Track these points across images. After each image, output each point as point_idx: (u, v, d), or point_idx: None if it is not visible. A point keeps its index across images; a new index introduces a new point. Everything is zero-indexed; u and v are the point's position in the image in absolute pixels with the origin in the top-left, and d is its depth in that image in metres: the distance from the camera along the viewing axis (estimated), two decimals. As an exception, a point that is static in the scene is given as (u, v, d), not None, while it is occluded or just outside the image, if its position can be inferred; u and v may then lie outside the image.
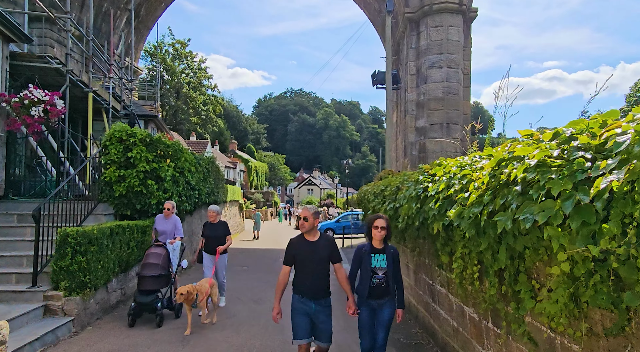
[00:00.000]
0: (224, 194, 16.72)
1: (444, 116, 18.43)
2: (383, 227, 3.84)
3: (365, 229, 3.96)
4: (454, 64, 18.66)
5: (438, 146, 18.34)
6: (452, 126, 18.48)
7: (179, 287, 5.67)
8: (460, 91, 18.78)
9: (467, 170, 3.18)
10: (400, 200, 4.97)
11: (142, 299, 6.00)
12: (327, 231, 24.78)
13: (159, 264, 6.20)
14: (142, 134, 7.46)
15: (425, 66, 18.40)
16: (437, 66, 18.42)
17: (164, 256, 6.37)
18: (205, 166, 11.75)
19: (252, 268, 12.01)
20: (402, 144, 20.18)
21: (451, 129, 18.46)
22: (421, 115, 18.72)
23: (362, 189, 10.83)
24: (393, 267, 3.90)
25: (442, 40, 18.52)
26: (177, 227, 7.06)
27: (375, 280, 3.83)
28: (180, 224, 7.12)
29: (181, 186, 9.09)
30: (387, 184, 6.72)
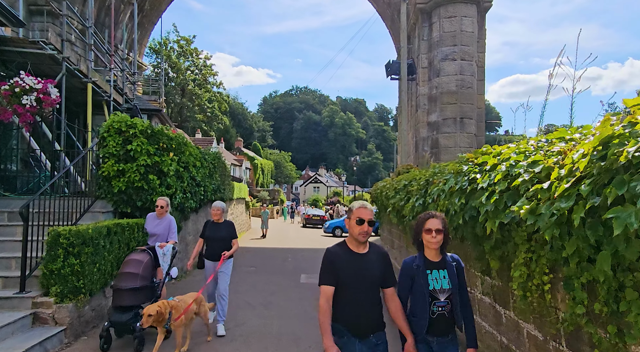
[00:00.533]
0: (230, 191, 16.16)
1: (457, 110, 17.74)
2: (439, 229, 2.74)
3: (412, 235, 2.94)
4: (467, 56, 17.95)
5: (451, 141, 17.68)
6: (466, 121, 17.80)
7: (145, 307, 4.46)
8: (474, 84, 18.08)
9: (539, 156, 2.54)
10: (433, 195, 4.34)
11: (117, 317, 4.83)
12: (336, 229, 24.18)
13: (138, 273, 5.03)
14: (143, 126, 6.87)
15: (438, 59, 17.70)
16: (451, 58, 17.72)
17: (147, 264, 5.21)
18: (211, 161, 11.17)
19: (260, 269, 11.43)
20: (414, 140, 19.51)
21: (465, 124, 17.78)
22: (433, 110, 18.04)
23: (377, 185, 10.20)
24: (459, 287, 2.80)
25: (455, 32, 17.81)
26: (172, 229, 6.07)
27: (435, 308, 2.72)
28: (175, 226, 6.15)
29: (185, 182, 8.50)
30: (412, 178, 6.08)
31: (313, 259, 13.67)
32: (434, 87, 17.85)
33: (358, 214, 2.68)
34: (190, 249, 10.43)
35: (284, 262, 13.03)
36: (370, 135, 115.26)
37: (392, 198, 7.00)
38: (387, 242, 10.29)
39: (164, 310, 4.48)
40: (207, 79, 61.37)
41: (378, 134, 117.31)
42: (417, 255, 2.88)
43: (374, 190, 10.14)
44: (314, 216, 32.06)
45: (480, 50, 19.13)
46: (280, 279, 9.84)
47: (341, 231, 24.01)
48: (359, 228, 2.66)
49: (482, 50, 19.34)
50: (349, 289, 2.66)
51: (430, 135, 18.43)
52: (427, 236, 2.77)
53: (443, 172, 4.34)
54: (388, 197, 7.51)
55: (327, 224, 25.33)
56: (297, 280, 9.88)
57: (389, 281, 2.81)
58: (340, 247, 2.79)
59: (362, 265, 2.69)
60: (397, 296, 2.83)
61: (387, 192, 7.52)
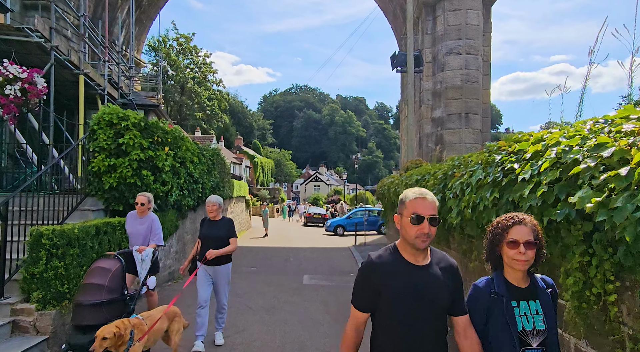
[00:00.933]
0: (230, 189, 15.70)
1: (462, 106, 17.30)
2: (530, 242, 1.87)
3: (487, 247, 2.08)
4: (473, 50, 17.48)
5: (456, 137, 17.25)
6: (472, 116, 17.35)
7: (101, 328, 3.49)
8: (479, 79, 17.64)
9: (604, 138, 2.08)
10: (454, 189, 3.88)
11: (77, 338, 3.80)
12: (338, 227, 23.74)
13: (104, 285, 4.00)
14: (136, 118, 6.40)
15: (443, 53, 17.24)
16: (455, 53, 17.26)
17: (116, 273, 4.14)
18: (209, 158, 10.71)
19: (262, 269, 10.98)
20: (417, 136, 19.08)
21: (470, 119, 17.33)
22: (438, 105, 17.60)
23: (383, 181, 9.74)
24: (555, 324, 1.93)
25: (460, 25, 17.34)
26: (154, 231, 5.21)
27: None
28: (158, 226, 5.29)
29: (182, 178, 8.04)
30: (425, 172, 5.62)
31: (315, 259, 13.23)
32: (438, 82, 17.40)
33: (414, 208, 1.87)
34: (189, 250, 9.98)
35: (286, 262, 12.58)
36: (370, 133, 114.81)
37: (403, 195, 6.55)
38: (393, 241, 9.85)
39: (124, 330, 3.53)
40: (207, 77, 60.86)
41: (378, 132, 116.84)
42: (494, 277, 2.00)
43: (380, 187, 9.68)
44: (315, 215, 31.60)
45: (486, 44, 18.68)
46: (282, 281, 9.39)
47: (343, 229, 23.56)
48: (417, 229, 1.84)
49: (487, 44, 18.88)
50: (400, 316, 1.85)
51: (434, 132, 18.01)
52: (512, 251, 1.88)
53: (466, 163, 3.88)
54: (397, 193, 7.04)
55: (328, 223, 24.87)
56: (299, 281, 9.43)
57: (460, 305, 1.97)
58: (389, 254, 1.96)
59: (422, 282, 1.87)
60: (473, 328, 1.95)
61: (397, 189, 7.06)
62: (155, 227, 5.26)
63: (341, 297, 7.80)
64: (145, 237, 5.22)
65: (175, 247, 8.73)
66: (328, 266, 12.04)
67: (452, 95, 17.16)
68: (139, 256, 4.94)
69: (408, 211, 1.90)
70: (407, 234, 1.90)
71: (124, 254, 4.65)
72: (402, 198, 1.99)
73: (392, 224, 9.81)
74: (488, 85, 18.92)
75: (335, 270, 11.31)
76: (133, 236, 5.30)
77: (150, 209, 5.38)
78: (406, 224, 1.90)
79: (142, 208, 5.26)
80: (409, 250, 1.94)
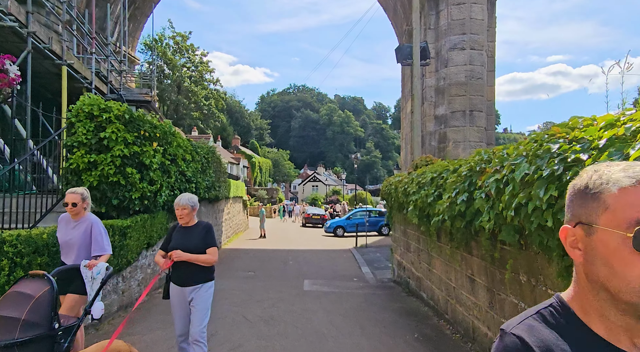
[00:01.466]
0: (226, 189, 15.05)
1: (466, 103, 16.73)
2: None
3: None
4: (477, 46, 16.90)
5: (460, 135, 16.68)
6: (476, 113, 16.78)
7: None
8: (484, 75, 17.05)
9: None
10: (488, 187, 3.26)
11: None
12: (337, 228, 23.11)
13: (20, 318, 2.74)
14: (120, 110, 5.76)
15: (446, 48, 16.65)
16: (459, 48, 16.68)
17: (40, 301, 2.87)
18: (204, 156, 10.07)
19: (260, 273, 10.34)
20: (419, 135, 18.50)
21: (475, 117, 16.76)
22: (441, 103, 17.03)
23: (388, 180, 9.12)
24: None
25: (464, 19, 16.75)
26: (95, 236, 3.94)
27: None
28: (100, 231, 3.99)
29: (173, 177, 7.40)
30: (442, 169, 5.01)
31: (315, 262, 12.62)
32: (441, 78, 16.83)
33: None
34: (181, 253, 9.34)
35: (285, 265, 11.95)
36: (368, 133, 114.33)
37: (414, 195, 5.94)
38: (400, 244, 9.23)
39: None
40: (204, 75, 60.14)
41: (376, 132, 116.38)
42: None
43: (386, 186, 9.06)
44: (314, 215, 30.95)
45: (490, 39, 18.12)
46: (281, 286, 8.75)
47: (343, 230, 22.94)
48: None
49: (492, 39, 18.33)
50: None
51: (437, 130, 17.43)
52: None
53: (501, 157, 3.26)
54: (407, 193, 6.44)
55: (328, 224, 24.23)
56: (300, 287, 8.80)
57: None
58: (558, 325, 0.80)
59: None
60: None
61: (407, 188, 6.44)
62: (96, 232, 3.96)
63: (346, 305, 7.18)
64: (81, 246, 3.93)
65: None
66: (329, 270, 11.42)
67: (456, 92, 16.61)
68: (88, 273, 3.67)
69: (621, 214, 0.73)
70: (622, 276, 0.73)
71: (65, 272, 3.60)
72: (595, 185, 0.78)
73: (398, 225, 9.21)
74: (492, 82, 18.36)
75: (337, 274, 10.69)
76: (66, 245, 3.97)
77: (86, 208, 4.06)
78: (618, 250, 0.73)
79: (74, 210, 3.92)
80: (613, 317, 0.77)
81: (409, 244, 8.12)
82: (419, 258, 7.25)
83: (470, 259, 4.70)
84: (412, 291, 7.79)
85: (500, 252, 3.69)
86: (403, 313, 6.64)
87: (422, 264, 7.08)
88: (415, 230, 7.37)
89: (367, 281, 9.92)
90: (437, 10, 17.02)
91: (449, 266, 5.53)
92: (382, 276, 10.72)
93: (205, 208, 12.12)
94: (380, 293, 8.36)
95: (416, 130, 11.24)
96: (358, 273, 11.10)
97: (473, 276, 4.64)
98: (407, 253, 8.37)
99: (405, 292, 8.16)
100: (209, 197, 11.95)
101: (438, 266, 6.08)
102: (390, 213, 9.57)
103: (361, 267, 12.06)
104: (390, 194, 8.39)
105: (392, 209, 9.14)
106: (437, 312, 6.14)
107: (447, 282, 5.63)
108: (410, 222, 7.43)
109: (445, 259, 5.70)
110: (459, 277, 5.13)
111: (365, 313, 6.65)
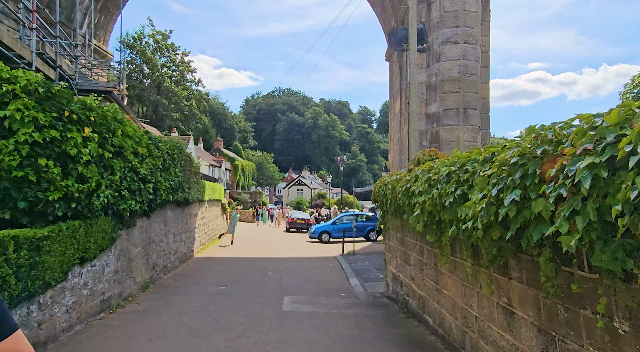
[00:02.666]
0: (199, 191, 13.55)
1: (460, 100, 15.68)
2: None
3: None
4: (471, 39, 15.88)
5: (454, 135, 15.61)
6: (470, 112, 15.73)
7: None
8: (478, 71, 16.03)
9: None
10: (577, 176, 1.97)
11: None
12: (323, 234, 21.73)
13: None
14: (31, 80, 4.32)
15: (438, 42, 15.57)
16: (453, 42, 15.63)
17: None
18: (167, 151, 8.61)
19: (233, 288, 8.89)
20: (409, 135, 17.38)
21: (469, 115, 15.71)
22: (433, 100, 15.94)
23: (382, 179, 7.83)
24: None
25: (458, 12, 15.73)
26: None
27: None
28: None
29: (118, 174, 5.94)
30: (464, 159, 3.72)
31: (298, 273, 11.21)
32: (433, 74, 15.73)
33: None
34: (137, 267, 7.86)
35: (264, 277, 10.53)
36: (354, 137, 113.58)
37: (421, 195, 4.65)
38: (395, 254, 7.93)
39: None
40: (185, 76, 58.15)
41: (362, 136, 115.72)
42: None
43: (379, 186, 7.77)
44: (298, 220, 29.49)
45: (485, 33, 17.12)
46: (256, 306, 7.34)
47: (329, 236, 21.58)
48: None
49: (486, 33, 17.33)
50: None
51: (429, 129, 16.32)
52: None
53: (601, 128, 1.96)
54: (410, 193, 5.16)
55: (312, 229, 22.83)
56: (278, 305, 7.40)
57: None
58: None
59: None
60: None
61: (411, 187, 5.14)
62: None
63: (333, 332, 5.81)
64: None
65: (112, 266, 6.59)
66: (314, 282, 10.05)
67: (449, 89, 15.56)
68: None
69: None
70: None
71: None
72: None
73: (393, 232, 7.91)
74: (487, 79, 17.34)
75: (323, 288, 9.33)
76: None
77: None
78: None
79: None
80: None
81: (407, 255, 6.82)
82: (422, 273, 5.95)
83: (506, 284, 3.40)
84: (413, 312, 6.48)
85: (580, 282, 2.39)
86: (405, 344, 5.30)
87: (426, 281, 5.78)
88: (418, 239, 6.07)
89: (356, 297, 8.58)
90: (429, 2, 15.92)
91: (468, 288, 4.24)
92: (373, 289, 9.41)
93: (172, 213, 10.63)
94: (373, 314, 7.02)
95: (413, 123, 10.01)
96: (346, 286, 9.75)
97: (512, 307, 3.34)
98: (404, 266, 7.07)
99: (404, 312, 6.83)
100: (177, 200, 10.48)
101: (451, 286, 4.79)
102: (384, 218, 8.27)
103: (349, 279, 10.72)
104: (385, 196, 7.09)
105: (386, 213, 7.84)
106: (449, 344, 4.84)
107: (466, 308, 4.33)
108: (411, 229, 6.14)
109: (462, 278, 4.41)
110: (485, 305, 3.84)
111: (357, 346, 5.29)
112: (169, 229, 10.39)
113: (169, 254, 10.37)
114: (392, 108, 23.22)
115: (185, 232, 12.49)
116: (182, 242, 12.04)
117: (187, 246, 12.66)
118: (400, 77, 20.31)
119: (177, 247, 11.35)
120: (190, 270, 11.11)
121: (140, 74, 55.57)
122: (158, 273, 9.38)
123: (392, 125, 24.13)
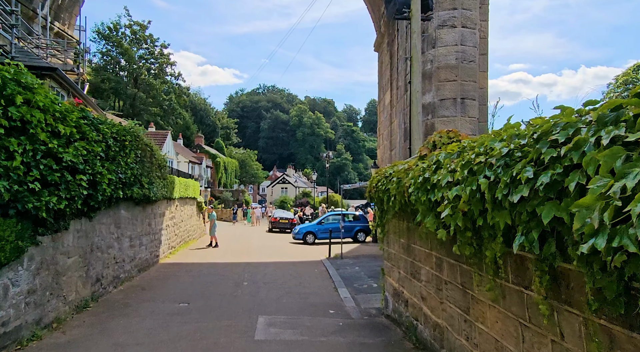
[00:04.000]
0: (166, 188, 11.81)
1: (457, 89, 14.35)
2: None
3: None
4: (470, 23, 14.55)
5: (451, 127, 14.11)
6: (468, 102, 14.41)
7: None
8: (476, 58, 14.70)
9: None
10: None
11: None
12: (308, 235, 20.15)
13: None
14: None
15: (434, 26, 14.19)
16: (450, 25, 14.29)
17: None
18: (112, 136, 6.90)
19: (196, 305, 7.23)
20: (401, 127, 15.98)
21: (467, 106, 14.38)
22: (428, 89, 14.53)
23: (381, 171, 6.30)
24: None
25: (455, -8, 14.34)
26: None
27: None
28: None
29: (19, 159, 4.26)
30: (547, 127, 2.21)
31: (278, 283, 9.55)
32: (428, 61, 14.33)
33: None
34: (66, 283, 6.13)
35: (237, 289, 8.88)
36: (339, 135, 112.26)
37: (450, 187, 3.14)
38: (398, 264, 6.42)
39: None
40: (164, 68, 55.71)
41: (347, 134, 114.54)
42: None
43: (377, 179, 6.24)
44: (281, 219, 27.86)
45: (483, 17, 15.79)
46: (221, 332, 5.71)
47: (314, 237, 20.03)
48: None
49: (484, 17, 16.00)
50: None
51: (424, 120, 14.81)
52: None
53: None
54: (431, 186, 3.64)
55: (296, 229, 21.23)
56: (250, 332, 5.79)
57: None
58: None
59: None
60: None
61: (430, 177, 3.62)
62: None
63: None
64: None
65: (24, 284, 4.88)
66: (296, 295, 8.47)
67: (446, 77, 14.20)
68: None
69: None
70: None
71: None
72: None
73: (395, 237, 6.38)
74: (485, 67, 16.05)
75: (307, 303, 7.75)
76: None
77: None
78: None
79: None
80: None
81: (416, 267, 5.30)
82: (441, 295, 4.43)
83: (563, 311, 1.90)
84: (424, 343, 4.96)
85: None
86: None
87: (446, 305, 4.26)
88: (434, 248, 4.55)
89: (348, 315, 7.03)
90: (424, -18, 14.43)
91: (532, 333, 2.72)
92: (367, 303, 7.88)
93: (128, 212, 8.89)
94: (371, 342, 5.47)
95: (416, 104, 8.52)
96: (335, 300, 8.19)
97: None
98: (410, 280, 5.55)
99: (411, 341, 5.30)
100: (134, 197, 8.76)
101: (492, 320, 3.28)
102: (383, 219, 6.73)
103: (338, 289, 9.16)
104: (386, 192, 5.55)
105: (386, 213, 6.30)
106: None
107: (525, 360, 2.82)
108: (422, 234, 4.62)
109: (517, 314, 2.90)
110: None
111: None
112: (123, 231, 8.66)
113: (122, 263, 8.63)
114: (382, 101, 21.77)
115: (148, 235, 10.74)
116: (143, 247, 10.30)
117: (149, 251, 10.91)
118: (391, 67, 18.87)
119: (135, 253, 9.61)
120: (149, 281, 9.38)
121: (116, 66, 52.97)
122: (105, 287, 7.66)
123: (381, 119, 22.70)
